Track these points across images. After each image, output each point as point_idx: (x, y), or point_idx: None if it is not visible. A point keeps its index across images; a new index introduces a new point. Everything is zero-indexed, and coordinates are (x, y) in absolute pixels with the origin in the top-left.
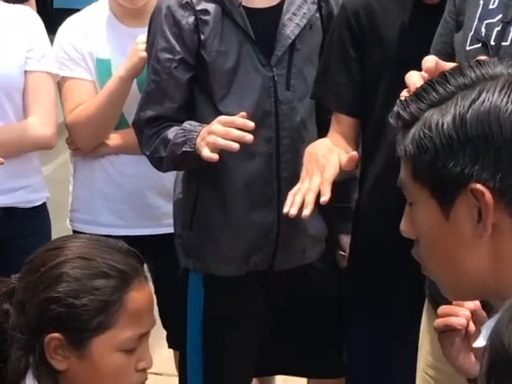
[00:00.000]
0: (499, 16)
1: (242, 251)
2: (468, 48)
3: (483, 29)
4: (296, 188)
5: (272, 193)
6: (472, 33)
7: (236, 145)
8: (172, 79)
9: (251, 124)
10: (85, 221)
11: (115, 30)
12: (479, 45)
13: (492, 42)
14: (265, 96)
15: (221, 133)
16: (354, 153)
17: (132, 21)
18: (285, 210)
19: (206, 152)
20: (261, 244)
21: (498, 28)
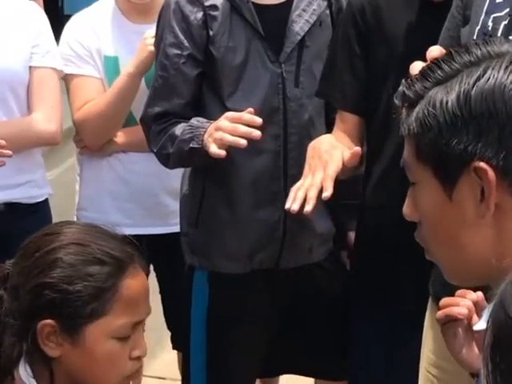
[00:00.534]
0: (506, 10)
1: (248, 249)
2: None
3: (490, 23)
4: (299, 184)
5: (278, 190)
6: (479, 27)
7: (243, 141)
8: (180, 75)
9: (259, 120)
10: (92, 219)
11: (122, 27)
12: None
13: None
14: (273, 92)
15: (228, 129)
16: (357, 148)
17: (139, 17)
18: (287, 206)
19: (214, 148)
20: (266, 242)
21: (505, 22)
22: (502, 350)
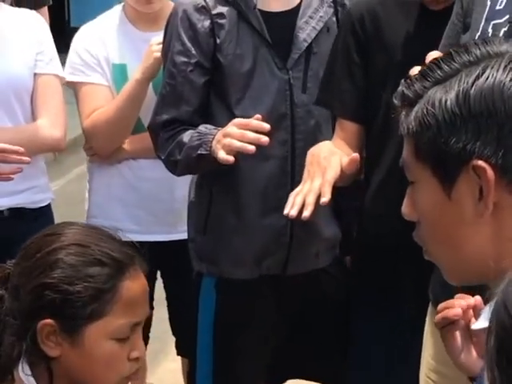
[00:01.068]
0: (506, 16)
1: (255, 254)
2: None
3: (490, 29)
4: (297, 189)
5: (285, 196)
6: (479, 33)
7: (252, 147)
8: (188, 83)
9: (267, 126)
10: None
11: (130, 35)
12: None
13: None
14: (280, 99)
15: (236, 135)
16: (355, 154)
17: (146, 25)
18: (285, 212)
19: (222, 154)
20: (274, 247)
21: (505, 28)
22: (509, 354)
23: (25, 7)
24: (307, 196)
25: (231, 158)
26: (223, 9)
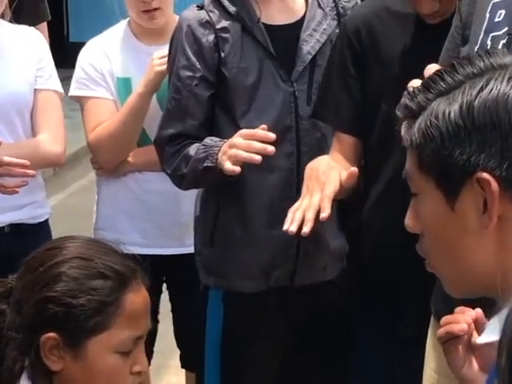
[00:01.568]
0: (505, 29)
1: (263, 267)
2: None
3: (489, 41)
4: (296, 205)
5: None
6: (478, 46)
7: (258, 157)
8: (193, 97)
9: (273, 136)
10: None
11: (135, 49)
12: None
13: None
14: (285, 111)
15: (242, 146)
16: (354, 168)
17: (151, 39)
18: (284, 228)
19: (228, 165)
20: (281, 259)
21: (504, 41)
22: None
23: (24, 23)
24: (307, 212)
25: (237, 169)
26: (227, 23)
